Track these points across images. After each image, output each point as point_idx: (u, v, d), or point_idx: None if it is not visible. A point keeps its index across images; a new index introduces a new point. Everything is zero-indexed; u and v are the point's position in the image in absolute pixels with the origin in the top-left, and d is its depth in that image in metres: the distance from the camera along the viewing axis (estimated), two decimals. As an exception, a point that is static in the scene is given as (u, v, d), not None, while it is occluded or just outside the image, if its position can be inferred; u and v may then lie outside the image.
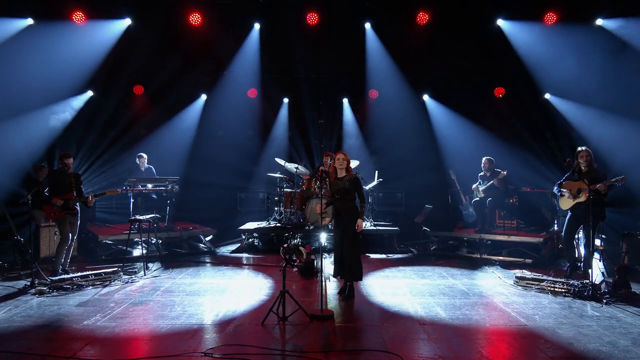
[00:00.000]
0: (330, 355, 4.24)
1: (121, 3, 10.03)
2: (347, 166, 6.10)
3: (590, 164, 6.74)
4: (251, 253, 9.31)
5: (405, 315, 5.36)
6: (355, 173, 9.95)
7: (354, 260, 5.95)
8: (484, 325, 5.07)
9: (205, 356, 4.15)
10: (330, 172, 6.24)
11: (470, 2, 10.12)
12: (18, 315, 5.30)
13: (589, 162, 6.73)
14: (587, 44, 9.75)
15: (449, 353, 4.27)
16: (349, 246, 5.92)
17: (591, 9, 9.67)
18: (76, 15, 9.75)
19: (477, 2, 10.14)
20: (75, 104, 10.69)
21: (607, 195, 6.62)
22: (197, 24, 10.40)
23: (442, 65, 10.96)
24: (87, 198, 7.11)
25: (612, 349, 4.34)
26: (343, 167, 6.07)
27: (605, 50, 9.64)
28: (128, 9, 10.16)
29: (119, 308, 5.58)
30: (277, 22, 10.84)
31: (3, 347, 4.35)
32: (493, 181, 8.86)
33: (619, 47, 9.44)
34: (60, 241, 7.09)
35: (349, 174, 6.09)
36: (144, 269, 7.47)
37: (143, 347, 4.44)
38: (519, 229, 9.13)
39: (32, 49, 9.45)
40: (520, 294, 6.25)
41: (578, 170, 6.81)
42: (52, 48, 9.60)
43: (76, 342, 4.48)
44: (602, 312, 5.44)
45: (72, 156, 7.32)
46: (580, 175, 6.75)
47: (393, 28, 10.89)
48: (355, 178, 6.05)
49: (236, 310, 5.52)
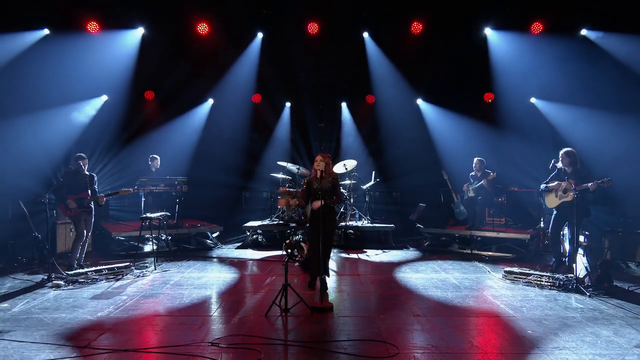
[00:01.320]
0: (329, 345, 4.24)
1: (133, 14, 10.04)
2: (326, 167, 5.99)
3: (574, 164, 6.73)
4: (255, 249, 9.31)
5: (400, 307, 5.36)
6: (353, 173, 10.12)
7: (328, 257, 5.91)
8: (474, 317, 5.07)
9: (212, 346, 4.15)
10: (311, 175, 6.13)
11: (461, 13, 10.13)
12: (36, 307, 5.31)
13: (573, 162, 6.73)
14: (569, 52, 9.78)
15: (442, 343, 4.27)
16: (329, 244, 5.84)
17: (575, 20, 9.71)
18: (91, 25, 9.76)
19: (467, 13, 10.15)
20: (92, 107, 10.71)
21: (596, 193, 6.62)
22: (204, 33, 10.43)
23: (435, 72, 10.97)
24: (98, 198, 7.11)
25: (595, 339, 4.35)
26: (322, 169, 5.95)
27: (585, 59, 9.67)
28: (140, 19, 10.18)
29: (130, 300, 5.58)
30: (280, 31, 10.86)
31: (23, 338, 4.35)
32: (483, 181, 8.86)
33: (597, 56, 9.50)
34: (76, 237, 7.09)
35: (331, 174, 6.01)
36: (154, 263, 7.47)
37: (153, 338, 4.44)
38: (507, 226, 9.12)
39: (49, 58, 9.44)
40: (509, 287, 6.25)
41: (563, 171, 6.81)
42: (68, 57, 9.60)
43: (90, 333, 4.49)
44: (586, 305, 5.44)
45: (87, 157, 7.33)
46: (566, 175, 6.75)
47: (389, 37, 10.92)
48: (335, 178, 5.97)
49: (241, 303, 5.52)
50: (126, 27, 10.15)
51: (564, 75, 9.90)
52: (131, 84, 10.78)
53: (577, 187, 6.41)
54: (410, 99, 11.95)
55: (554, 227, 6.99)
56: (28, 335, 4.39)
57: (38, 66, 9.39)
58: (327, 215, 5.81)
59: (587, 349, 4.11)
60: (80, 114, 10.36)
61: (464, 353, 4.07)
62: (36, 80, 9.34)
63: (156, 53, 10.42)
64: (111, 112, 10.95)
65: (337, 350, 4.11)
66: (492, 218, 9.14)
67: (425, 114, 12.02)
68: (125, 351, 4.06)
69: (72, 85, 9.70)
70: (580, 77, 9.71)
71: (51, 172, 9.30)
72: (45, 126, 9.58)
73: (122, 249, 8.65)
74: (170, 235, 8.93)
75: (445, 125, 11.56)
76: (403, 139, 12.15)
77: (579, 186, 6.43)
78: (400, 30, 10.62)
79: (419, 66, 11.07)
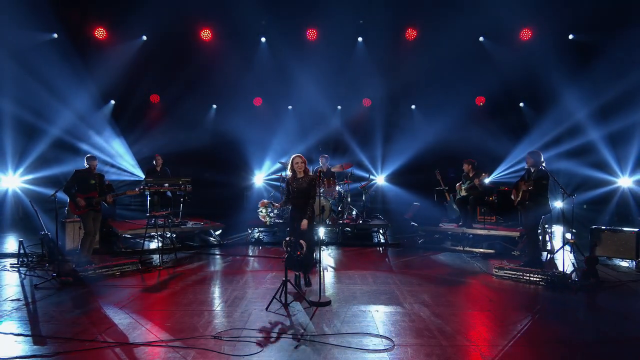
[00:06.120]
0: (327, 337, 4.24)
1: (140, 20, 10.03)
2: (305, 168, 5.86)
3: (534, 165, 6.76)
4: (256, 246, 9.30)
5: (395, 302, 5.36)
6: (350, 173, 10.12)
7: (310, 254, 5.78)
8: (466, 311, 5.08)
9: (215, 339, 4.15)
10: (290, 176, 5.95)
11: (455, 20, 10.15)
12: (45, 302, 5.29)
13: (531, 163, 6.78)
14: (557, 56, 9.82)
15: (434, 335, 4.27)
16: (308, 242, 5.69)
17: (563, 26, 9.76)
18: (98, 31, 9.76)
19: (460, 20, 10.17)
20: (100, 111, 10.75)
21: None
22: (207, 39, 10.44)
23: (429, 76, 10.99)
24: (106, 197, 7.10)
25: (580, 331, 4.36)
26: (301, 169, 5.83)
27: (573, 62, 9.72)
28: (147, 26, 10.18)
29: (136, 295, 5.57)
30: (280, 37, 10.86)
31: (33, 332, 4.36)
32: (474, 181, 8.86)
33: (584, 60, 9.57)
34: (84, 235, 7.07)
35: (307, 175, 5.87)
36: (159, 260, 7.45)
37: (159, 331, 4.43)
38: (497, 224, 9.13)
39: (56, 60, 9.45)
40: (499, 283, 6.25)
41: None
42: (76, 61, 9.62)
43: (98, 327, 4.48)
44: (574, 299, 5.45)
45: (96, 158, 7.33)
46: (529, 175, 6.84)
47: (384, 43, 10.94)
48: (313, 179, 5.82)
49: (243, 297, 5.51)
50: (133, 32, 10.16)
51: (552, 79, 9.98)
52: (138, 88, 10.82)
53: (525, 186, 6.79)
54: (405, 102, 11.99)
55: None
56: (38, 329, 4.39)
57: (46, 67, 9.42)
58: (300, 219, 5.68)
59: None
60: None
61: (456, 346, 4.07)
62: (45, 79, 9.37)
63: (162, 57, 10.44)
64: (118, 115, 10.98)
65: (334, 343, 4.11)
66: (483, 216, 9.15)
67: (419, 116, 12.07)
68: (131, 344, 4.06)
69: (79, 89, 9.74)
70: (569, 79, 9.78)
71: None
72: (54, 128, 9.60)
73: (128, 246, 8.63)
74: (175, 233, 8.91)
75: (438, 126, 11.59)
76: (398, 141, 12.19)
77: (523, 186, 6.82)
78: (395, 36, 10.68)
79: (413, 71, 11.09)
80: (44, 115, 10.31)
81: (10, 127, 10.18)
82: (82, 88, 10.23)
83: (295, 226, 5.75)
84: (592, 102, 9.92)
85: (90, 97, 10.57)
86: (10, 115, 10.06)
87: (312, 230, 5.79)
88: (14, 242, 9.04)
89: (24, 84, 9.36)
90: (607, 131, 10.10)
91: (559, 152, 10.60)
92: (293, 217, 5.88)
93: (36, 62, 9.35)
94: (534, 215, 6.80)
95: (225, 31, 10.73)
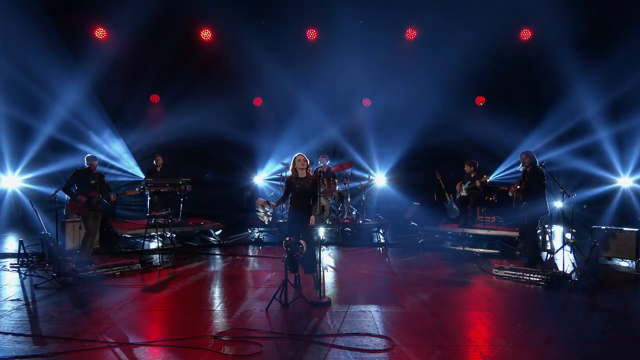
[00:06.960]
0: (328, 337, 4.22)
1: (141, 20, 10.01)
2: (307, 167, 5.81)
3: (529, 164, 6.75)
4: (256, 246, 9.29)
5: (395, 302, 5.34)
6: (350, 173, 10.10)
7: (312, 253, 5.67)
8: (466, 311, 5.07)
9: (215, 339, 4.14)
10: (291, 176, 5.87)
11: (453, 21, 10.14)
12: (45, 302, 5.28)
13: (527, 163, 6.76)
14: (556, 54, 9.81)
15: (435, 335, 4.26)
16: (310, 243, 5.63)
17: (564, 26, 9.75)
18: (98, 31, 9.74)
19: (458, 21, 10.16)
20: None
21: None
22: (207, 39, 10.43)
23: (429, 76, 10.97)
24: (109, 196, 7.09)
25: (580, 331, 4.34)
26: (304, 168, 5.76)
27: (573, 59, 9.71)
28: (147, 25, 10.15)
29: (136, 295, 5.56)
30: (280, 37, 10.85)
31: (33, 331, 4.34)
32: (476, 182, 8.85)
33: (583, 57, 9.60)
34: (85, 235, 7.07)
35: (309, 175, 5.81)
36: (160, 259, 7.44)
37: (159, 331, 4.42)
38: (497, 224, 9.10)
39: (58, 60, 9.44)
40: (499, 283, 6.24)
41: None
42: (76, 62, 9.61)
43: (98, 326, 4.47)
44: (574, 299, 5.44)
45: (97, 158, 7.32)
46: (524, 176, 6.83)
47: (384, 42, 10.92)
48: (315, 179, 5.74)
49: (243, 298, 5.50)
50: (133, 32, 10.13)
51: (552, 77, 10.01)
52: (138, 88, 10.80)
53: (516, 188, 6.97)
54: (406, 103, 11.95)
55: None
56: (39, 329, 4.37)
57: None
58: (309, 215, 5.63)
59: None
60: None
61: (456, 346, 4.06)
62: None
63: (162, 57, 10.42)
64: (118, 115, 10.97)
65: (334, 343, 4.09)
66: (483, 216, 9.13)
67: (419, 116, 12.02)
68: (131, 344, 4.04)
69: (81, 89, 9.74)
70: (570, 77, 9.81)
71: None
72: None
73: (128, 246, 8.62)
74: (175, 233, 8.90)
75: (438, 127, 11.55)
76: (398, 141, 12.16)
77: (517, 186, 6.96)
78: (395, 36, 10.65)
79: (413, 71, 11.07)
80: (39, 114, 10.30)
81: (7, 128, 10.18)
82: (83, 88, 10.20)
83: (296, 226, 5.72)
84: (596, 101, 9.89)
85: (90, 96, 10.53)
86: (5, 115, 10.06)
87: (312, 230, 5.77)
88: (14, 242, 9.03)
89: (18, 82, 9.33)
90: (610, 131, 10.08)
91: (559, 153, 10.59)
92: (294, 217, 5.81)
93: (33, 61, 9.33)
94: (531, 215, 6.77)
95: (225, 31, 10.71)
